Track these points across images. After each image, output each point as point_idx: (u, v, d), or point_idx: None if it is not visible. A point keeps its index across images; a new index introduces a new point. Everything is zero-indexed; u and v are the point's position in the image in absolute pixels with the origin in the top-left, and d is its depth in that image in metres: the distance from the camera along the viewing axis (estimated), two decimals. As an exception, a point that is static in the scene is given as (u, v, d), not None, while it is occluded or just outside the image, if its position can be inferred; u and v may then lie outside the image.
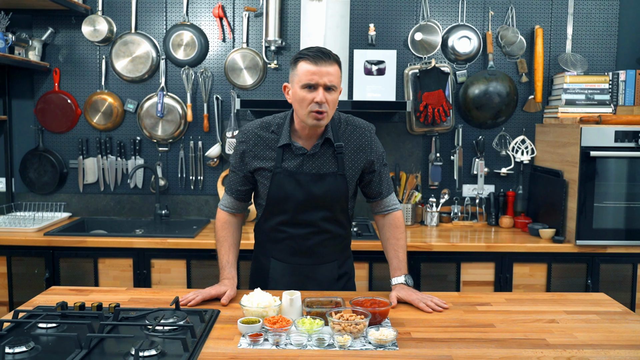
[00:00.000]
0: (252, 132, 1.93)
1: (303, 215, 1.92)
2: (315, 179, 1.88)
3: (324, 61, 1.77)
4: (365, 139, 1.94)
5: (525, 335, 1.63)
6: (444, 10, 3.36)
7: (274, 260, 2.01)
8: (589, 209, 2.82)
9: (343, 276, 2.06)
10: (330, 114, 1.83)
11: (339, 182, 1.90)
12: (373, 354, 1.48)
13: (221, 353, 1.48)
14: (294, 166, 1.88)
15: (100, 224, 3.35)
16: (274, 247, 2.00)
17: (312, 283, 1.99)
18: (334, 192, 1.90)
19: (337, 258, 2.03)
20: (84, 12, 3.28)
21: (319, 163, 1.89)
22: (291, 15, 3.32)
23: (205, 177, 3.43)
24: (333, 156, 1.90)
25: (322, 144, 1.90)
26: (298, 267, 1.98)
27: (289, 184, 1.88)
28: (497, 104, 3.27)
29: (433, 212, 3.28)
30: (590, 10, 3.35)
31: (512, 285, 2.87)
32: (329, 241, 1.97)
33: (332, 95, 1.79)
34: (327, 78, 1.77)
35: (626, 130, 2.79)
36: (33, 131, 3.41)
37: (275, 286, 2.00)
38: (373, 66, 3.23)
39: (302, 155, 1.89)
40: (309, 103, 1.78)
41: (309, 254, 1.97)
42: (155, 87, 3.37)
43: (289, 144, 1.89)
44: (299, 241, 1.94)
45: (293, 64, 1.85)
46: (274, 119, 1.95)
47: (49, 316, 1.65)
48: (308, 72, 1.77)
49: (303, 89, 1.79)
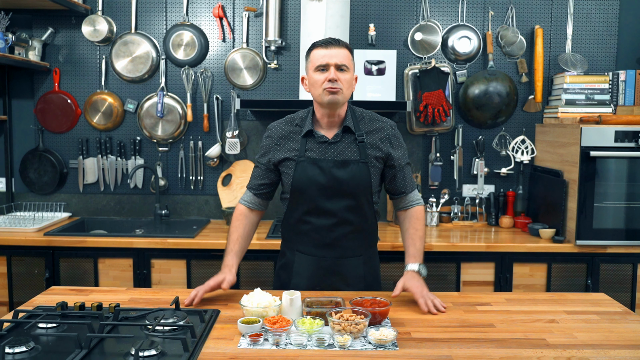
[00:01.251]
0: (277, 127, 2.04)
1: (326, 203, 1.94)
2: (337, 165, 1.93)
3: (334, 45, 1.90)
4: (386, 131, 2.01)
5: (525, 335, 1.63)
6: (444, 10, 3.36)
7: (298, 254, 2.03)
8: (589, 209, 2.82)
9: (369, 273, 2.07)
10: (346, 93, 1.92)
11: (362, 170, 1.94)
12: (373, 354, 1.48)
13: (221, 353, 1.48)
14: (317, 154, 1.95)
15: (100, 224, 3.35)
16: (299, 240, 2.02)
17: (337, 278, 2.01)
18: (357, 178, 1.94)
19: (362, 253, 2.04)
20: (84, 12, 3.28)
21: (341, 150, 1.95)
22: (291, 15, 3.32)
23: (205, 177, 3.43)
24: (355, 144, 1.96)
25: (343, 133, 1.97)
26: (322, 260, 2.00)
27: (312, 170, 1.93)
28: (497, 104, 3.27)
29: (433, 212, 3.28)
30: (590, 10, 3.35)
31: (512, 285, 2.87)
32: (353, 234, 1.99)
33: (344, 75, 1.90)
34: (337, 59, 1.88)
35: (626, 130, 2.79)
36: (33, 131, 3.41)
37: (299, 281, 2.01)
38: (373, 66, 3.23)
39: (324, 144, 1.96)
40: (323, 82, 1.88)
41: (334, 247, 1.98)
42: (155, 87, 3.37)
43: (311, 134, 1.96)
44: (323, 233, 1.97)
45: (307, 54, 1.96)
46: (298, 114, 2.05)
47: (49, 316, 1.65)
48: (320, 55, 1.89)
49: (316, 72, 1.90)
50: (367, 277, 2.06)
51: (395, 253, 2.82)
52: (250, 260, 2.81)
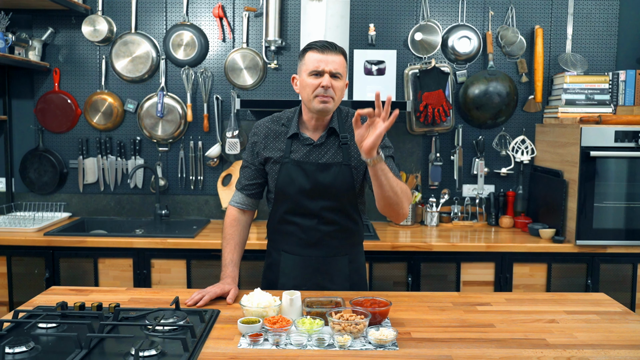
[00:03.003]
0: (263, 126, 2.03)
1: (310, 204, 1.95)
2: (320, 168, 1.93)
3: (330, 51, 1.86)
4: None
5: (525, 335, 1.63)
6: (444, 10, 3.36)
7: (284, 254, 2.03)
8: (589, 209, 2.82)
9: (355, 272, 2.07)
10: (337, 101, 1.90)
11: (344, 172, 1.94)
12: (373, 354, 1.48)
13: (221, 353, 1.48)
14: (301, 156, 1.95)
15: (100, 224, 3.35)
16: (284, 240, 2.02)
17: (323, 276, 2.01)
18: (339, 181, 1.94)
19: (348, 252, 2.05)
20: (84, 12, 3.28)
21: (325, 153, 1.95)
22: (291, 15, 3.32)
23: (205, 177, 3.43)
24: (339, 147, 1.96)
25: (329, 135, 1.96)
26: (309, 260, 2.00)
27: (296, 173, 1.94)
28: (497, 104, 3.27)
29: (433, 212, 3.28)
30: (590, 10, 3.35)
31: (512, 285, 2.87)
32: (337, 233, 1.99)
33: (337, 82, 1.87)
34: (332, 65, 1.85)
35: (626, 130, 2.79)
36: (33, 131, 3.41)
37: (286, 281, 2.01)
38: (373, 66, 3.23)
39: (309, 146, 1.96)
40: (315, 88, 1.85)
41: (319, 246, 1.99)
42: (155, 87, 3.37)
43: (297, 135, 1.96)
44: (307, 232, 1.97)
45: (301, 55, 1.93)
46: (284, 113, 2.04)
47: (49, 316, 1.65)
48: (315, 59, 1.86)
49: (310, 76, 1.87)
50: (352, 275, 2.06)
51: (395, 253, 2.82)
52: (250, 260, 2.81)
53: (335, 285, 2.02)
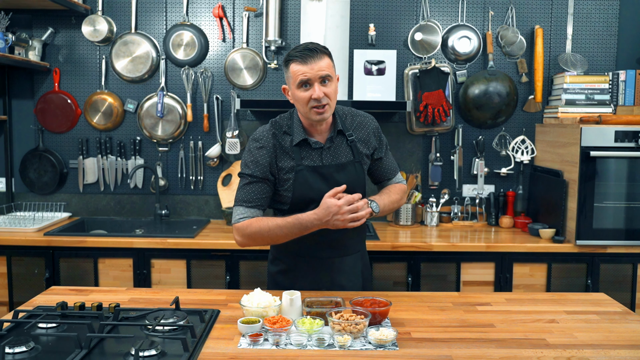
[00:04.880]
0: (267, 136, 1.92)
1: None
2: (337, 169, 1.93)
3: (312, 57, 1.79)
4: (371, 127, 2.02)
5: (525, 335, 1.63)
6: (444, 10, 3.36)
7: (300, 258, 2.00)
8: (589, 209, 2.82)
9: (365, 267, 2.12)
10: (333, 105, 1.87)
11: (358, 170, 1.97)
12: (373, 354, 1.48)
13: (221, 353, 1.48)
14: (315, 161, 1.92)
15: (100, 224, 3.35)
16: (300, 246, 1.96)
17: (339, 276, 2.01)
18: (356, 179, 1.95)
19: (360, 249, 2.09)
20: (84, 12, 3.28)
21: (337, 154, 1.95)
22: (291, 15, 3.32)
23: (205, 177, 3.43)
24: (347, 146, 1.96)
25: (335, 136, 1.96)
26: (327, 261, 2.00)
27: (313, 178, 1.91)
28: (497, 104, 3.27)
29: (433, 212, 3.28)
30: (590, 10, 3.35)
31: (512, 285, 2.87)
32: (353, 231, 1.99)
33: (328, 87, 1.82)
34: (319, 72, 1.79)
35: (626, 130, 2.79)
36: (33, 131, 3.41)
37: (304, 284, 1.97)
38: (373, 66, 3.23)
39: (319, 150, 1.93)
40: (308, 100, 1.81)
41: (336, 246, 1.99)
42: (155, 87, 3.37)
43: (305, 141, 1.92)
44: (326, 235, 1.94)
45: (285, 66, 1.87)
46: (281, 120, 1.96)
47: (49, 316, 1.65)
48: (300, 71, 1.80)
49: (299, 89, 1.82)
50: (364, 271, 2.11)
51: (395, 253, 2.82)
52: (250, 260, 2.81)
53: (351, 282, 2.04)
